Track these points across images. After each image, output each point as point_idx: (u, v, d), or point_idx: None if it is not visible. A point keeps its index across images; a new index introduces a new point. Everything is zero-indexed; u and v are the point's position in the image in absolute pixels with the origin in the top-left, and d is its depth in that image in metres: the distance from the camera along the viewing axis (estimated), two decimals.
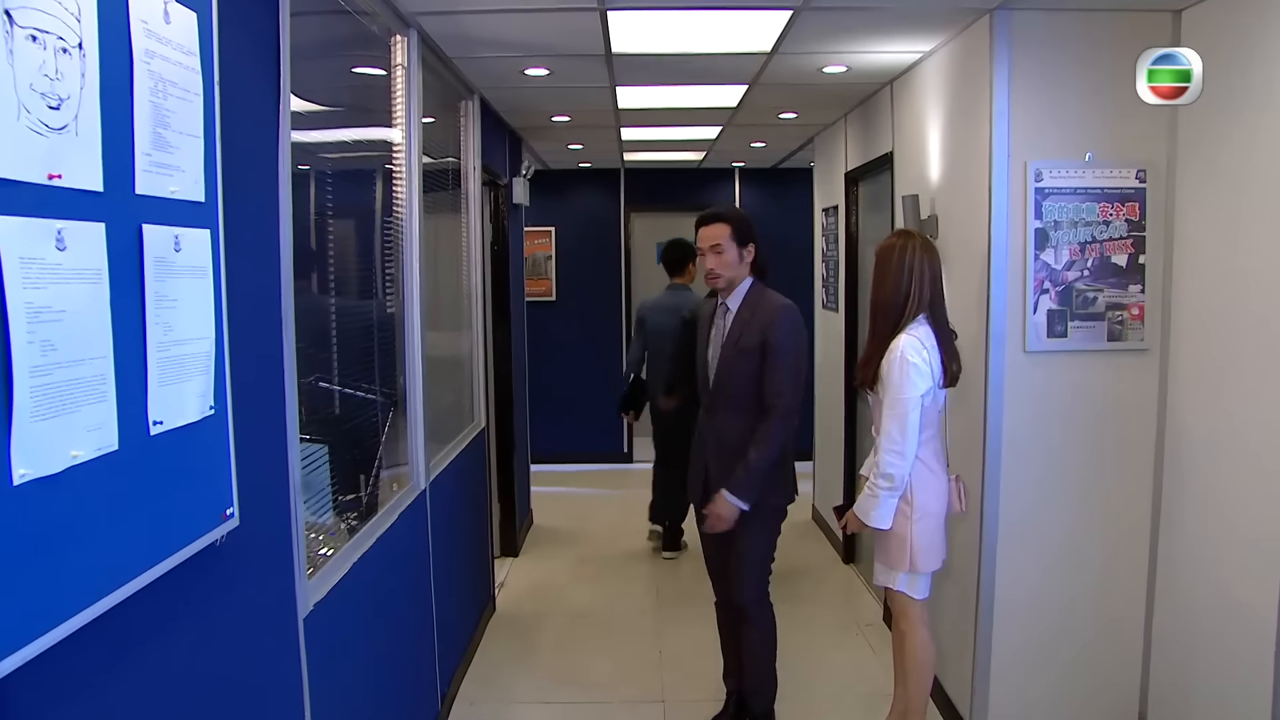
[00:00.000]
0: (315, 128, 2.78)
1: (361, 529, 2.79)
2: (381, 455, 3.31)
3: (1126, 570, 3.33)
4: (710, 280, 3.24)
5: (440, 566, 3.68)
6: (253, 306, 1.93)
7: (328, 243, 2.89)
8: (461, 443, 4.24)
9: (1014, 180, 3.21)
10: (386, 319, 3.38)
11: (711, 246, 3.22)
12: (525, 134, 6.07)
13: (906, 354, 2.98)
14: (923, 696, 3.23)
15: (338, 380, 3.08)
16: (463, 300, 4.64)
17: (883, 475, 2.99)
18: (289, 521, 2.08)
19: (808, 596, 5.00)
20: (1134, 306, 3.25)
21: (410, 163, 3.36)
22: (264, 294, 2.01)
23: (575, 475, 8.02)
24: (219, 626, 1.76)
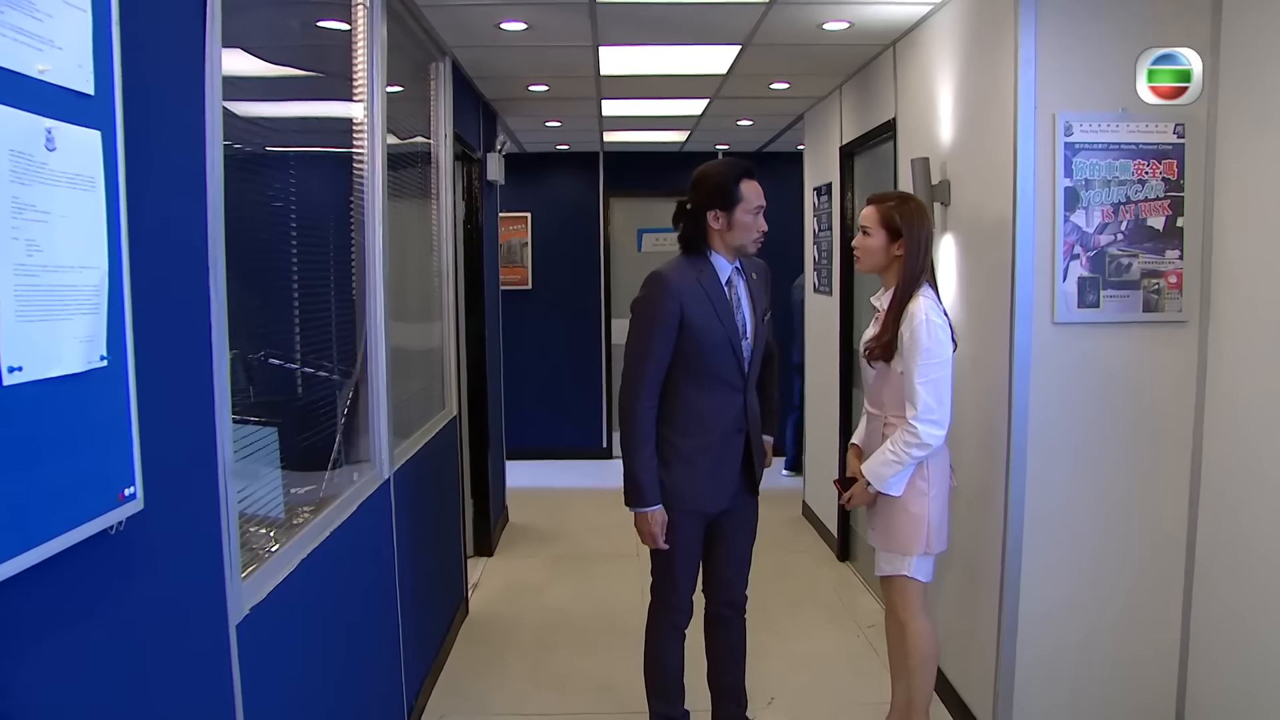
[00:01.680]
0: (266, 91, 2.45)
1: (313, 521, 2.44)
2: (341, 441, 2.97)
3: (1163, 565, 3.04)
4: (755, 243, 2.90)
5: (406, 565, 3.33)
6: (167, 239, 1.58)
7: (286, 205, 2.55)
8: (430, 431, 3.90)
9: (1041, 134, 2.91)
10: (348, 293, 3.04)
11: (758, 207, 2.87)
12: (500, 107, 5.73)
13: (931, 315, 2.73)
14: (927, 690, 2.95)
15: (291, 357, 2.75)
16: (432, 278, 4.29)
17: (917, 445, 2.73)
18: (217, 508, 1.74)
19: (803, 598, 4.69)
20: (1171, 274, 2.96)
21: (374, 119, 3.02)
22: (183, 225, 1.66)
23: (552, 470, 7.67)
24: (117, 635, 1.41)
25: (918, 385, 2.70)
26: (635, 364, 2.87)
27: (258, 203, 2.41)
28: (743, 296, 2.94)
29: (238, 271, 2.36)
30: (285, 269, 2.62)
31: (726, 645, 3.14)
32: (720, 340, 2.85)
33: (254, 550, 2.20)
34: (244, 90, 2.31)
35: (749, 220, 2.84)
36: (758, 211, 2.85)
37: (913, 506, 2.81)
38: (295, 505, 2.64)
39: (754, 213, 2.85)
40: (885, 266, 2.87)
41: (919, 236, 2.80)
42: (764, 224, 2.88)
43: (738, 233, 2.86)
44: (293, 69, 2.76)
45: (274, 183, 2.52)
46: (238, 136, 2.18)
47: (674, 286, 2.84)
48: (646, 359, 2.85)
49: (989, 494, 3.10)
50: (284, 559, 2.16)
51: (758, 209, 2.85)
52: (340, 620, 2.59)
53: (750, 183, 2.85)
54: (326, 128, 2.96)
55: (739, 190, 2.83)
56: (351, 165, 2.99)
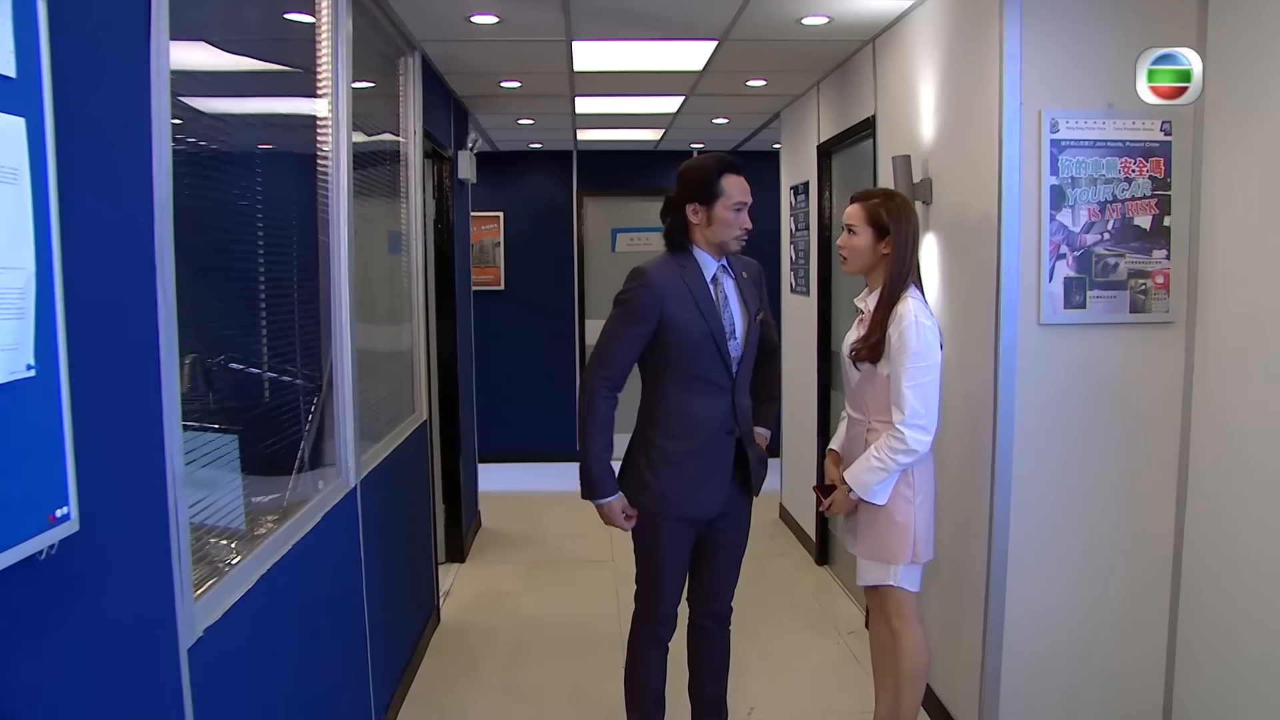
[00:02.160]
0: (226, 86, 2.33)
1: (274, 534, 2.32)
2: (305, 448, 2.85)
3: (1150, 571, 2.98)
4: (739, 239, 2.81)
5: (374, 574, 3.22)
6: (107, 237, 1.46)
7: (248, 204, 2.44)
8: (399, 436, 3.78)
9: (1027, 131, 2.84)
10: (312, 295, 2.92)
11: (740, 203, 2.78)
12: (472, 104, 5.61)
13: (920, 317, 2.64)
14: (915, 702, 2.87)
15: (253, 361, 2.63)
16: (401, 279, 4.17)
17: (904, 452, 2.64)
18: (165, 525, 1.62)
19: (781, 604, 4.61)
20: (1158, 274, 2.91)
21: (339, 115, 2.90)
22: (126, 222, 1.55)
23: (525, 473, 7.55)
24: (52, 668, 1.29)
25: (905, 389, 2.62)
26: (600, 354, 2.80)
27: (218, 201, 2.30)
28: (731, 295, 2.85)
29: (196, 273, 2.26)
30: (247, 270, 2.50)
31: (709, 657, 3.04)
32: (702, 338, 2.75)
33: (213, 564, 2.08)
34: (203, 85, 2.19)
35: (729, 216, 2.75)
36: (739, 208, 2.76)
37: (898, 515, 2.73)
38: (258, 514, 2.53)
39: (735, 209, 2.75)
40: (872, 266, 2.79)
41: (906, 233, 2.72)
42: (747, 221, 2.79)
43: (717, 229, 2.76)
44: (254, 62, 2.64)
45: (235, 181, 2.41)
46: (198, 133, 2.08)
47: (655, 282, 2.75)
48: (612, 350, 2.78)
49: (974, 499, 3.03)
50: (242, 575, 2.04)
51: (739, 205, 2.76)
52: (304, 636, 2.48)
53: (733, 177, 2.76)
54: (290, 124, 2.84)
55: (719, 184, 2.74)
56: (316, 163, 2.87)
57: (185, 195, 1.97)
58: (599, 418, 2.77)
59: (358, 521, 3.05)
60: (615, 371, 2.79)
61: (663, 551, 2.85)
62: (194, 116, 2.08)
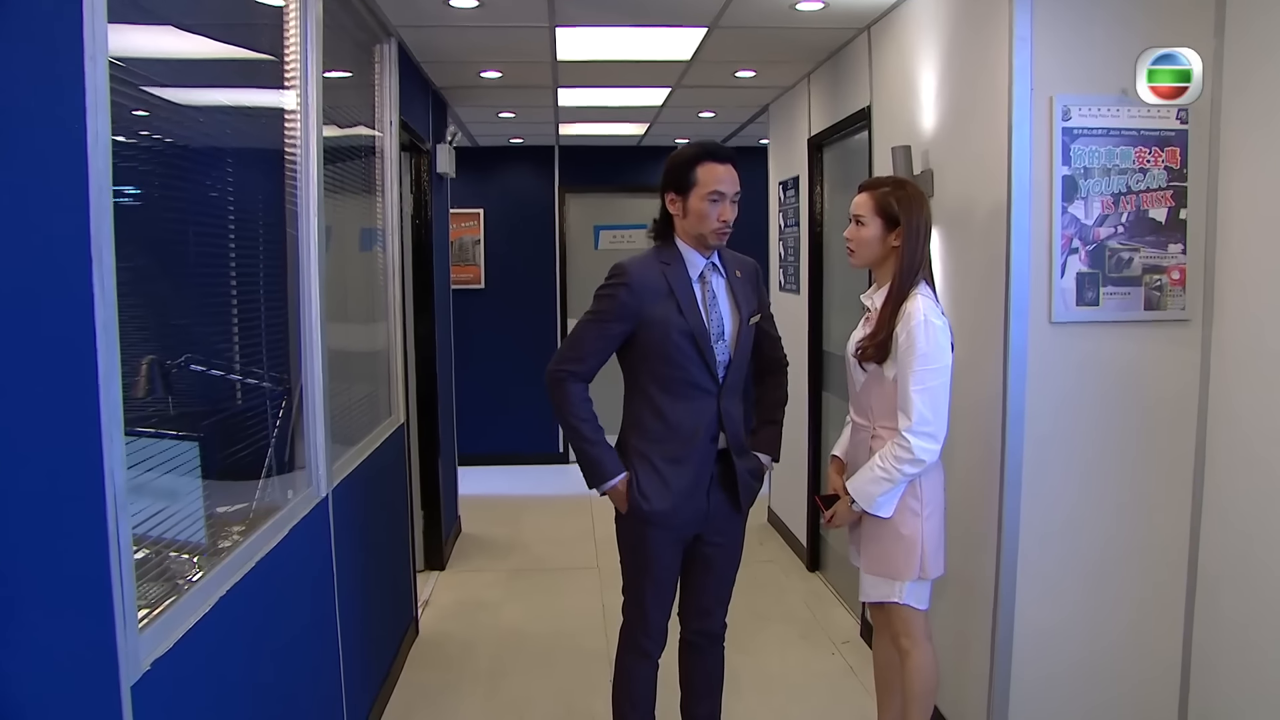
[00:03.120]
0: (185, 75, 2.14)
1: (237, 548, 2.14)
2: (273, 455, 2.67)
3: (1165, 578, 2.84)
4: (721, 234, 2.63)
5: (348, 587, 3.04)
6: (30, 233, 1.28)
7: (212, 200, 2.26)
8: (375, 441, 3.59)
9: (1037, 119, 2.70)
10: (280, 293, 2.74)
11: (716, 193, 2.59)
12: (451, 96, 5.42)
13: (930, 316, 2.48)
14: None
15: (216, 363, 2.45)
16: (377, 277, 3.99)
17: (910, 461, 2.47)
18: (104, 549, 1.44)
19: (773, 613, 4.45)
20: (1174, 269, 2.77)
21: (308, 104, 2.72)
22: (53, 217, 1.36)
23: (507, 476, 7.37)
24: None
25: (913, 393, 2.46)
26: (569, 346, 2.68)
27: (179, 196, 2.13)
28: (720, 294, 2.68)
29: (155, 271, 2.09)
30: (210, 268, 2.33)
31: (701, 674, 2.88)
32: (681, 337, 2.58)
33: (172, 581, 1.91)
34: (162, 73, 2.02)
35: (704, 208, 2.57)
36: (716, 199, 2.57)
37: (904, 528, 2.57)
38: (223, 525, 2.36)
39: (711, 199, 2.56)
40: (881, 259, 2.62)
41: (918, 225, 2.56)
42: (727, 213, 2.60)
43: (693, 221, 2.60)
44: (217, 49, 2.46)
45: (198, 175, 2.23)
46: (156, 124, 1.93)
47: (634, 279, 2.59)
48: (582, 345, 2.65)
49: (982, 508, 2.88)
50: (198, 597, 1.86)
51: (715, 195, 2.56)
52: (270, 659, 2.29)
53: (710, 165, 2.57)
54: (256, 115, 2.66)
55: (694, 173, 2.57)
56: (284, 155, 2.69)
57: (143, 189, 1.80)
58: (574, 399, 2.63)
59: (330, 532, 2.87)
60: (582, 368, 2.64)
61: (648, 562, 2.69)
62: (154, 106, 1.92)
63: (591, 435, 2.63)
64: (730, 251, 2.76)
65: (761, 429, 2.84)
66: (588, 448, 2.63)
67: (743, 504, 2.73)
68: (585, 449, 2.63)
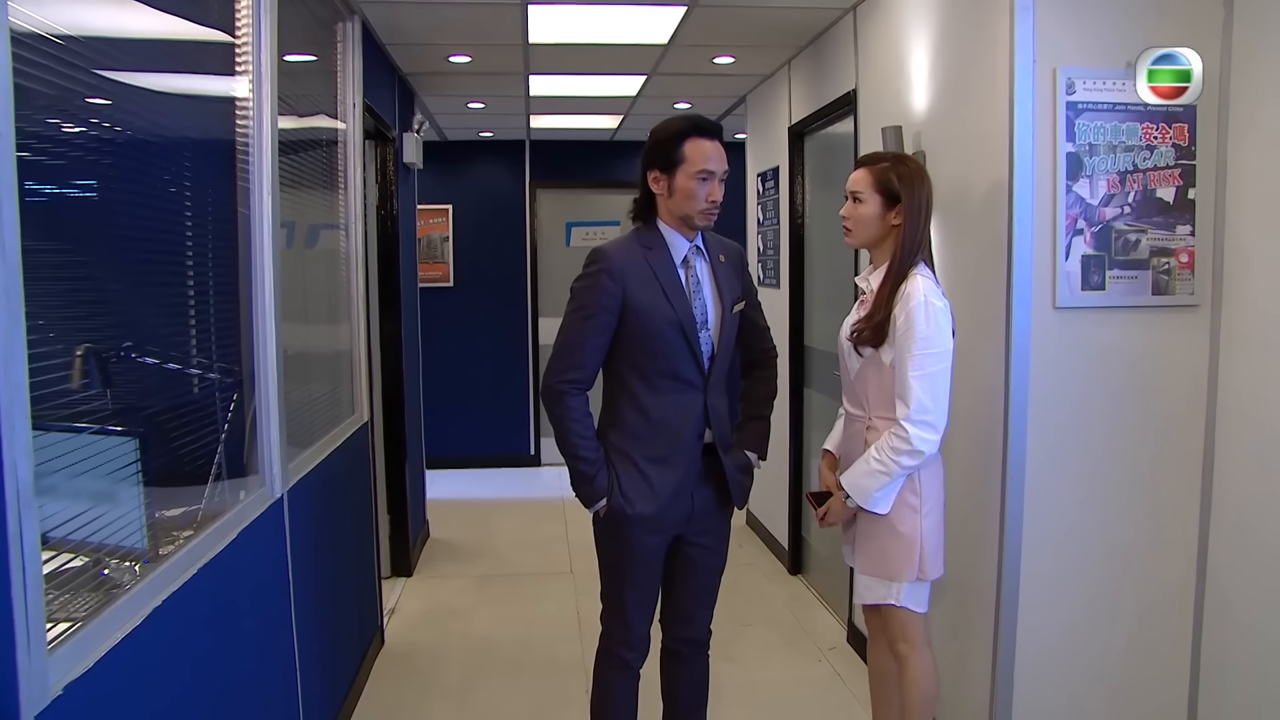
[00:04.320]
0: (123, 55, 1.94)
1: (174, 555, 1.93)
2: (222, 454, 2.46)
3: (1173, 583, 2.71)
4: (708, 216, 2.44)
5: (306, 595, 2.82)
6: None
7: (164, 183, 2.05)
8: (336, 440, 3.38)
9: (1040, 92, 2.55)
10: (232, 280, 2.54)
11: (705, 171, 2.39)
12: (418, 83, 5.21)
13: (931, 297, 2.31)
14: None
15: (162, 354, 2.25)
16: (339, 268, 3.77)
17: (908, 453, 2.30)
18: (2, 554, 1.23)
19: (755, 618, 4.27)
20: (1182, 252, 2.63)
21: (261, 82, 2.51)
22: None
23: (477, 479, 7.15)
24: None
25: (911, 379, 2.30)
26: (561, 353, 2.44)
27: (122, 182, 1.94)
28: (704, 280, 2.50)
29: (93, 256, 1.90)
30: (154, 257, 2.13)
31: (685, 686, 2.69)
32: (668, 327, 2.40)
33: (107, 591, 1.70)
34: (98, 53, 1.82)
35: (692, 186, 2.38)
36: (705, 177, 2.38)
37: (902, 526, 2.40)
38: (168, 529, 2.16)
39: (699, 178, 2.38)
40: (880, 239, 2.45)
41: (919, 201, 2.40)
42: (716, 192, 2.41)
43: (679, 200, 2.41)
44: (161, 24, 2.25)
45: (144, 160, 2.04)
46: (94, 110, 1.79)
47: (616, 264, 2.40)
48: (575, 346, 2.42)
49: (983, 505, 2.72)
50: (126, 611, 1.66)
51: (704, 174, 2.38)
52: (213, 673, 2.08)
53: (698, 141, 2.39)
54: (202, 100, 2.45)
55: (682, 149, 2.38)
56: (235, 140, 2.49)
57: (77, 175, 1.62)
58: (576, 415, 2.41)
59: (285, 535, 2.66)
60: (583, 373, 2.42)
61: (628, 566, 2.50)
62: (79, 87, 1.73)
63: (592, 457, 2.42)
64: (714, 235, 2.58)
65: (747, 425, 2.66)
66: (585, 469, 2.42)
67: (735, 499, 2.56)
68: (583, 470, 2.43)
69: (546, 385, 2.44)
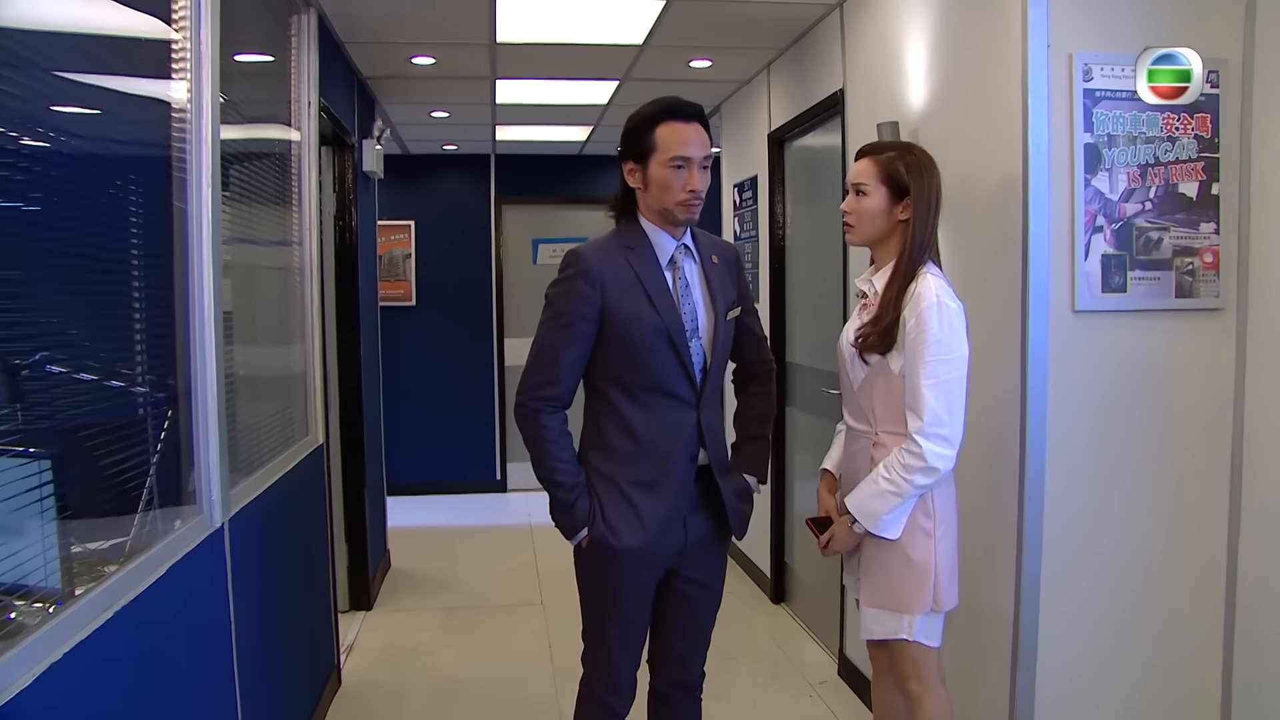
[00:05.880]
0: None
1: (84, 598, 1.65)
2: (154, 479, 2.18)
3: (1202, 606, 2.50)
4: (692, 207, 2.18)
5: (251, 633, 2.54)
6: None
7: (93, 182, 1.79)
8: (287, 463, 3.09)
9: (1056, 79, 2.37)
10: (165, 289, 2.27)
11: (680, 158, 2.14)
12: (379, 88, 4.96)
13: (943, 298, 2.10)
14: None
15: (83, 367, 1.98)
16: (292, 279, 3.50)
17: (921, 470, 2.08)
18: None
19: (738, 650, 4.02)
20: (1206, 251, 2.45)
21: (201, 73, 2.26)
22: None
23: (440, 506, 6.85)
24: None
25: (924, 388, 2.07)
26: (535, 367, 2.19)
27: (28, 187, 1.67)
28: (694, 283, 2.26)
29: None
30: (78, 262, 1.87)
31: None
32: (653, 336, 2.16)
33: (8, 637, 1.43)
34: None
35: (667, 176, 2.14)
36: (681, 164, 2.13)
37: (914, 552, 2.17)
38: (92, 565, 1.89)
39: (674, 165, 2.13)
40: (885, 235, 2.24)
41: (929, 193, 2.19)
42: (695, 181, 2.15)
43: (655, 193, 2.17)
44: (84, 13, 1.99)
45: (59, 162, 1.78)
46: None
47: (593, 266, 2.15)
48: (550, 359, 2.17)
49: (997, 525, 2.50)
50: (23, 660, 1.38)
51: (679, 161, 2.13)
52: None
53: (672, 125, 2.14)
54: (133, 99, 2.19)
55: (653, 136, 2.14)
56: (170, 141, 2.23)
57: None
58: (553, 436, 2.16)
59: (225, 568, 2.38)
60: (559, 389, 2.18)
61: (615, 604, 2.24)
62: None
63: (571, 482, 2.17)
64: (706, 234, 2.36)
65: (745, 446, 2.41)
66: (564, 495, 2.17)
67: (734, 530, 2.31)
68: (561, 498, 2.18)
69: (519, 403, 2.20)
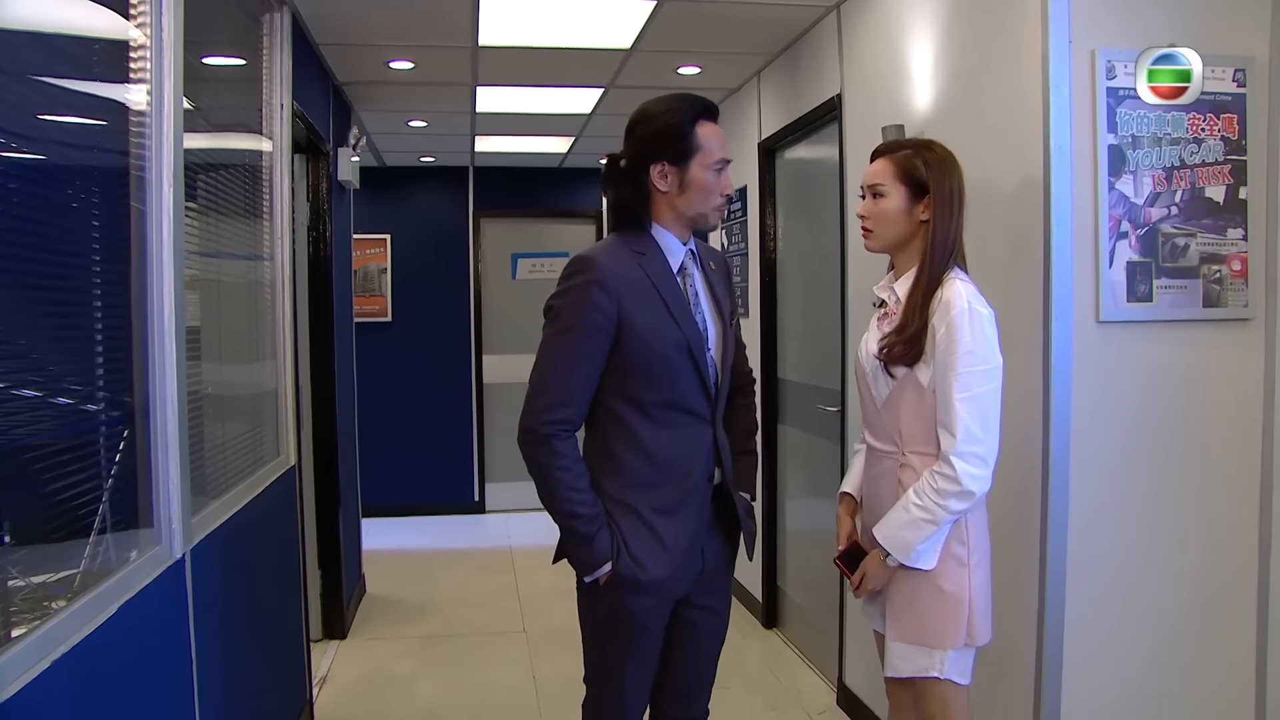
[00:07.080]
0: None
1: (21, 642, 1.46)
2: (107, 505, 1.99)
3: (1234, 631, 2.36)
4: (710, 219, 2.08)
5: (213, 671, 2.34)
6: None
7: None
8: (256, 486, 2.90)
9: (1078, 77, 2.24)
10: (122, 297, 2.09)
11: (722, 160, 2.04)
12: (355, 94, 4.79)
13: (974, 304, 1.95)
14: None
15: (28, 382, 1.80)
16: (263, 291, 3.31)
17: (956, 495, 1.92)
18: None
19: (732, 678, 3.84)
20: (1234, 259, 2.32)
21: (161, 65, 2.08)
22: None
23: (417, 529, 6.64)
24: None
25: (956, 403, 1.92)
26: (543, 387, 1.99)
27: None
28: (700, 290, 2.11)
29: None
30: (21, 272, 1.69)
31: None
32: (675, 351, 1.99)
33: None
34: None
35: (709, 180, 2.01)
36: (721, 167, 2.02)
37: (946, 583, 2.00)
38: (34, 600, 1.71)
39: (716, 169, 2.01)
40: (907, 239, 2.08)
41: (951, 191, 2.04)
42: (729, 185, 2.06)
43: (693, 197, 2.02)
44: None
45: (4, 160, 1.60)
46: None
47: (607, 273, 1.97)
48: (560, 379, 1.98)
49: (1020, 550, 2.34)
50: None
51: (721, 163, 2.02)
52: None
53: (711, 125, 2.03)
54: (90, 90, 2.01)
55: (695, 136, 2.00)
56: (129, 147, 2.05)
57: None
58: (567, 464, 1.96)
59: (186, 602, 2.18)
60: (572, 410, 1.98)
61: (634, 641, 2.05)
62: None
63: (590, 513, 1.97)
64: (698, 240, 2.20)
65: (736, 462, 2.24)
66: (584, 529, 1.96)
67: (747, 549, 2.15)
68: (581, 531, 1.97)
69: (527, 428, 1.98)
